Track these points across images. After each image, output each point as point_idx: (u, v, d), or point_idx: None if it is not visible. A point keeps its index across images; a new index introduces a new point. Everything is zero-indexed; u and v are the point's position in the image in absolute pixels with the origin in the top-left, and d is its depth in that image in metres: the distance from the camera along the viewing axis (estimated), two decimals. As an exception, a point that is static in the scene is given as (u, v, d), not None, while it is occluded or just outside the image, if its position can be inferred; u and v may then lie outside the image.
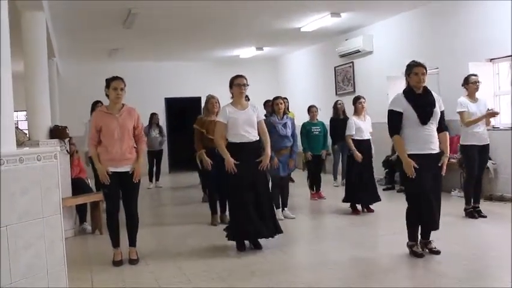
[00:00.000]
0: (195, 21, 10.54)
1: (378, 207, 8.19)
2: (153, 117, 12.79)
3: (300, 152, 9.25)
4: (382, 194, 9.05)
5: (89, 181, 8.36)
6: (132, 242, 5.79)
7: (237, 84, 6.14)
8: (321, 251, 6.16)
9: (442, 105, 5.53)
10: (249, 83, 6.25)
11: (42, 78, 7.28)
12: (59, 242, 3.52)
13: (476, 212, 7.32)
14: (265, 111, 9.43)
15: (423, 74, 5.42)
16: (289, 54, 16.54)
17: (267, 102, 10.23)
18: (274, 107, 7.85)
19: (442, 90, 8.90)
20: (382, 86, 11.12)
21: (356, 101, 8.31)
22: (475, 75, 7.41)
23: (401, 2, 9.93)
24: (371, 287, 4.78)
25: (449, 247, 5.67)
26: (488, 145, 7.34)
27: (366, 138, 8.12)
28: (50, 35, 8.86)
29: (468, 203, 7.39)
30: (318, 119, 9.77)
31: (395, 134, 5.47)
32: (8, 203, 3.20)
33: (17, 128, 5.32)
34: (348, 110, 10.26)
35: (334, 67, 13.67)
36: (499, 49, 8.50)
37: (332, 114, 11.11)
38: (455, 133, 8.60)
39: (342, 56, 12.98)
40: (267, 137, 6.29)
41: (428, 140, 5.40)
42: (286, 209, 7.96)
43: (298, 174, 11.75)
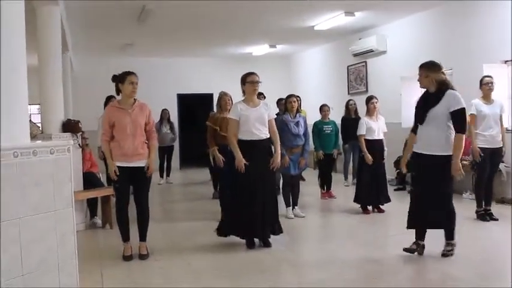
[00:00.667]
0: (208, 17, 10.54)
1: (388, 208, 8.16)
2: (164, 112, 12.83)
3: (312, 151, 9.24)
4: (393, 194, 9.02)
5: (100, 175, 8.41)
6: (142, 237, 5.82)
7: (250, 81, 6.12)
8: (329, 250, 6.15)
9: (455, 105, 5.27)
10: (261, 81, 6.25)
11: (56, 72, 7.32)
12: (70, 236, 3.54)
13: (488, 215, 7.27)
14: (278, 110, 9.43)
15: (421, 73, 5.61)
16: (302, 53, 16.50)
17: (280, 101, 10.22)
18: (287, 105, 7.84)
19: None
20: (396, 86, 11.06)
21: (368, 101, 8.27)
22: (489, 77, 7.36)
23: (416, 2, 9.87)
24: (378, 287, 4.77)
25: (459, 249, 5.61)
26: (501, 148, 7.27)
27: (377, 138, 8.08)
28: (64, 30, 8.91)
29: (479, 205, 7.34)
30: (329, 118, 9.75)
31: (411, 132, 5.71)
32: (21, 196, 3.22)
33: (30, 121, 5.35)
34: (361, 109, 10.23)
35: (347, 66, 13.62)
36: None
37: (344, 114, 11.10)
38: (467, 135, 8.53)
39: (355, 55, 12.93)
40: (277, 136, 6.27)
41: (426, 141, 5.41)
42: (296, 207, 7.95)
43: (309, 173, 11.73)
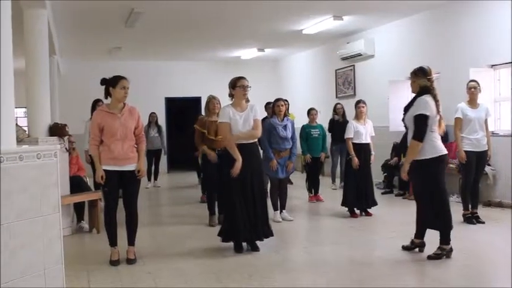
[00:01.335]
0: (197, 21, 10.55)
1: (376, 211, 8.19)
2: (151, 116, 12.80)
3: (299, 154, 9.25)
4: (381, 198, 9.05)
5: (87, 179, 8.35)
6: (130, 241, 5.78)
7: (240, 85, 6.09)
8: (318, 253, 6.16)
9: (416, 110, 5.45)
10: (250, 85, 6.24)
11: (43, 76, 7.27)
12: (57, 241, 3.51)
13: (475, 218, 7.31)
14: (266, 113, 9.44)
15: (410, 79, 5.73)
16: (290, 56, 16.54)
17: (268, 104, 10.23)
18: (275, 109, 7.85)
19: (443, 95, 8.86)
20: (383, 90, 11.09)
21: (356, 105, 8.30)
22: (474, 81, 7.44)
23: (404, 7, 9.94)
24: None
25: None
26: (486, 151, 7.32)
27: (364, 142, 8.11)
28: (51, 33, 8.86)
29: (466, 208, 7.39)
30: (317, 121, 9.78)
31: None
32: (7, 201, 3.19)
33: (16, 125, 5.30)
34: (349, 113, 10.27)
35: (335, 70, 13.68)
36: (501, 55, 8.53)
37: (331, 117, 11.16)
38: (453, 138, 8.59)
39: (343, 59, 12.98)
40: (258, 130, 6.13)
41: (409, 146, 5.59)
42: (284, 211, 7.95)
43: (296, 177, 11.75)
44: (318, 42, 13.73)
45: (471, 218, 7.30)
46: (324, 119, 10.89)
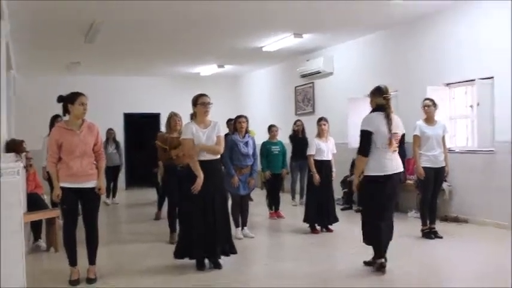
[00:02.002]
0: (156, 36, 10.53)
1: (336, 227, 8.25)
2: (109, 132, 12.65)
3: (259, 171, 9.27)
4: (341, 214, 9.14)
5: (45, 197, 8.16)
6: (91, 260, 5.65)
7: (201, 103, 6.10)
8: (279, 270, 6.16)
9: (361, 126, 5.71)
10: (212, 102, 6.24)
11: (-1, 91, 7.11)
12: (19, 261, 3.42)
13: (433, 233, 7.46)
14: (227, 130, 9.43)
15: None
16: (250, 73, 16.63)
17: (229, 121, 10.24)
18: (236, 125, 7.87)
19: (401, 113, 9.04)
20: (342, 107, 11.22)
21: (318, 122, 8.38)
22: (428, 99, 7.66)
23: (362, 26, 10.13)
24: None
25: (403, 267, 5.76)
26: (443, 168, 7.51)
27: (326, 159, 8.19)
28: (8, 47, 8.68)
29: (424, 224, 7.53)
30: (277, 138, 9.83)
31: None
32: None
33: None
34: (309, 130, 10.36)
35: (295, 87, 13.82)
36: (455, 74, 8.80)
37: (291, 133, 11.23)
38: (411, 155, 8.76)
39: (303, 76, 13.12)
40: (220, 147, 6.14)
41: None
42: (245, 228, 7.94)
43: (257, 193, 11.76)
44: (278, 60, 13.86)
45: (429, 233, 7.44)
46: (284, 136, 10.95)
